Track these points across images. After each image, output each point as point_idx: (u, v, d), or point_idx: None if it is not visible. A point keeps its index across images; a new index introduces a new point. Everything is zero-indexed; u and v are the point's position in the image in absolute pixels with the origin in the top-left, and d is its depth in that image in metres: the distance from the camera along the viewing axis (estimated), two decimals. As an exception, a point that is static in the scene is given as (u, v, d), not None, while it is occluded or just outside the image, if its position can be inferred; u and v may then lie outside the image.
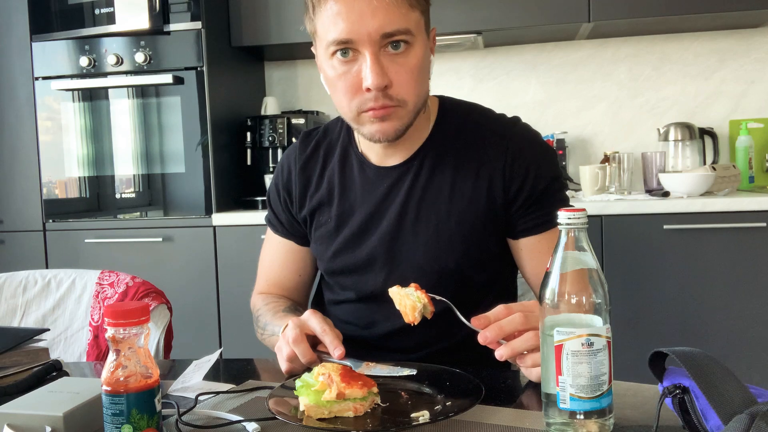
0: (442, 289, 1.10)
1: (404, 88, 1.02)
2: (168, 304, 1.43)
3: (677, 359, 0.68)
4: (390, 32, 0.99)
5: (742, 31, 2.72)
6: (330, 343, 0.97)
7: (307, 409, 0.81)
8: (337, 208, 1.18)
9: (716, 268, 2.21)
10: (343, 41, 1.00)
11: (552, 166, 1.14)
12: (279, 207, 1.27)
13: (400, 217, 1.13)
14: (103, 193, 2.63)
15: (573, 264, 0.73)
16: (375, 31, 0.98)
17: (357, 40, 0.99)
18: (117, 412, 0.70)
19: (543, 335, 0.74)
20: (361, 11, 0.98)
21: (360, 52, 1.00)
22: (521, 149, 1.11)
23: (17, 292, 1.50)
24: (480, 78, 2.90)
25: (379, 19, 0.98)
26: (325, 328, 0.99)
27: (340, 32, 0.99)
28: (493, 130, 1.13)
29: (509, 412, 0.82)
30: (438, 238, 1.12)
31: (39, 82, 2.62)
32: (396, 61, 1.01)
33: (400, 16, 0.99)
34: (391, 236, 1.14)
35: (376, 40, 0.99)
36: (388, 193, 1.15)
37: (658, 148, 2.64)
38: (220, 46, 2.60)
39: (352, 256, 1.17)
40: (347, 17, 0.98)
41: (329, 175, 1.20)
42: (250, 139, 2.66)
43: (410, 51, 1.02)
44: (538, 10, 2.47)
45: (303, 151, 1.24)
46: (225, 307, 2.49)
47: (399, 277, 1.12)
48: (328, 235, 1.19)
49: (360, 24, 0.98)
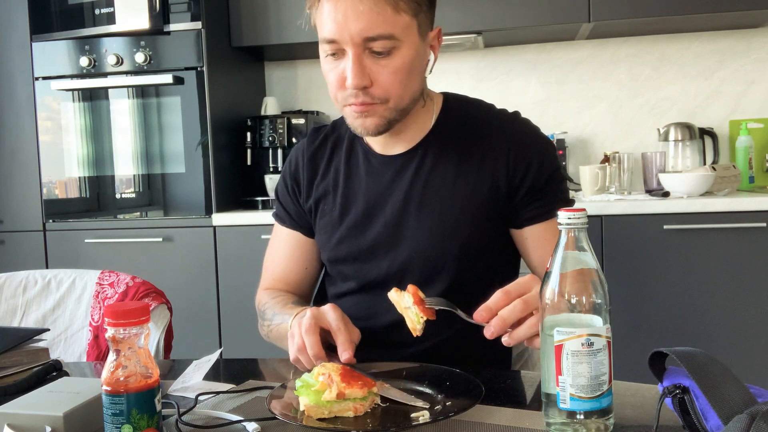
0: (444, 276, 1.14)
1: (385, 87, 1.06)
2: (168, 304, 1.43)
3: (677, 359, 0.68)
4: (372, 36, 1.02)
5: (742, 31, 2.72)
6: (341, 344, 0.96)
7: (307, 409, 0.81)
8: (341, 197, 1.21)
9: (716, 268, 2.21)
10: (329, 40, 1.04)
11: (553, 159, 1.17)
12: (287, 198, 1.29)
13: (403, 204, 1.16)
14: (103, 193, 2.63)
15: (573, 264, 0.73)
16: (357, 35, 1.01)
17: (341, 40, 1.03)
18: (117, 412, 0.70)
19: (543, 335, 0.74)
20: (346, 14, 1.01)
21: (345, 52, 1.04)
22: (523, 141, 1.14)
23: (17, 292, 1.50)
24: (480, 78, 2.90)
25: (362, 22, 1.01)
26: (340, 326, 0.98)
27: (328, 31, 1.03)
28: (495, 122, 1.16)
29: (509, 412, 0.82)
30: (441, 225, 1.14)
31: (39, 82, 2.62)
32: (378, 63, 1.04)
33: (384, 21, 1.01)
34: (394, 223, 1.16)
35: (358, 42, 1.02)
36: (391, 181, 1.17)
37: (658, 148, 2.64)
38: (220, 46, 2.60)
39: (356, 243, 1.19)
40: (334, 18, 1.02)
41: (335, 165, 1.23)
42: (250, 139, 2.66)
43: (395, 53, 1.04)
44: (538, 10, 2.47)
45: (311, 143, 1.27)
46: (225, 307, 2.49)
47: (402, 264, 1.15)
48: (332, 223, 1.21)
49: (344, 26, 1.01)
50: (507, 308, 0.86)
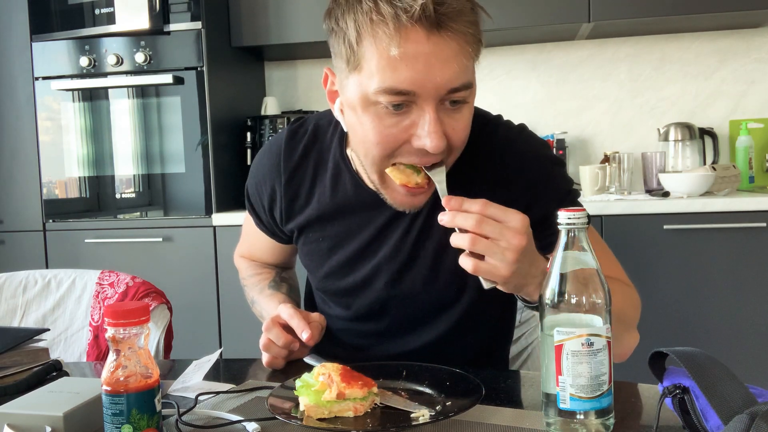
0: (441, 317, 1.10)
1: (456, 145, 0.92)
2: (168, 304, 1.43)
3: (677, 359, 0.68)
4: (456, 87, 0.86)
5: (742, 31, 2.72)
6: (297, 327, 1.01)
7: (307, 409, 0.81)
8: (329, 230, 1.10)
9: (716, 268, 2.21)
10: (402, 92, 0.85)
11: (561, 181, 1.05)
12: (262, 210, 1.17)
13: (401, 247, 1.06)
14: (103, 193, 2.63)
15: (573, 264, 0.73)
16: (443, 86, 0.85)
17: (420, 93, 0.85)
18: (117, 412, 0.70)
19: (543, 335, 0.74)
20: (429, 61, 0.83)
21: (417, 105, 0.87)
22: (526, 167, 1.02)
23: (17, 292, 1.50)
24: (480, 78, 2.85)
25: (449, 71, 0.85)
26: (292, 313, 1.02)
27: (402, 81, 0.84)
28: (495, 147, 1.04)
29: (509, 412, 0.82)
30: (438, 270, 1.06)
31: (39, 82, 2.62)
32: (453, 117, 0.89)
33: (466, 69, 0.87)
34: (389, 265, 1.07)
35: (441, 95, 0.86)
36: (389, 222, 1.06)
37: (658, 148, 2.64)
38: (220, 46, 2.60)
39: (346, 280, 1.11)
40: (413, 65, 0.83)
41: (320, 192, 1.09)
42: (250, 139, 2.66)
43: (468, 100, 0.91)
44: (538, 10, 2.47)
45: (289, 158, 1.10)
46: (225, 307, 2.49)
47: (395, 302, 1.10)
48: (320, 254, 1.12)
49: (427, 75, 0.84)
50: (462, 216, 0.79)
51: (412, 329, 1.12)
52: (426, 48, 0.83)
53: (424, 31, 0.83)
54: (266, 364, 1.04)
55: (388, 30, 0.83)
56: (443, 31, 0.84)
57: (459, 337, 1.12)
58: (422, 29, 0.83)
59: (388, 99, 0.86)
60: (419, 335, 1.11)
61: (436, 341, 1.11)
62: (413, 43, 0.83)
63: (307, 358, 1.11)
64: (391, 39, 0.83)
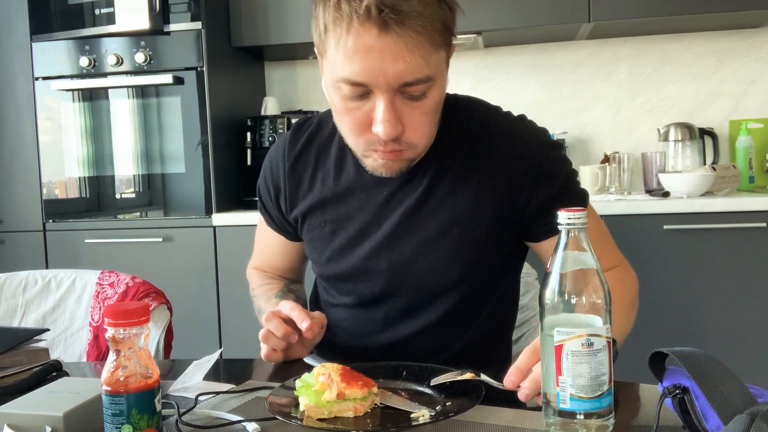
0: (442, 299, 1.10)
1: (417, 133, 0.96)
2: (168, 304, 1.43)
3: (677, 359, 0.68)
4: (410, 81, 0.90)
5: (742, 31, 2.72)
6: (297, 318, 1.01)
7: (307, 409, 0.81)
8: (331, 213, 1.12)
9: (716, 268, 2.21)
10: (357, 83, 0.91)
11: (562, 164, 1.08)
12: (270, 203, 1.21)
13: (398, 226, 1.08)
14: (103, 193, 2.63)
15: (573, 264, 0.73)
16: (394, 79, 0.89)
17: (373, 84, 0.90)
18: (117, 412, 0.70)
19: (543, 335, 0.74)
20: (382, 54, 0.87)
21: (374, 94, 0.92)
22: (526, 154, 1.05)
23: (17, 292, 1.50)
24: (480, 78, 2.90)
25: (401, 65, 0.88)
26: (293, 306, 1.03)
27: (355, 73, 0.90)
28: (497, 132, 1.07)
29: (509, 412, 0.82)
30: (438, 250, 1.07)
31: (39, 82, 2.62)
32: (411, 105, 0.93)
33: (423, 63, 0.89)
34: (388, 245, 1.09)
35: (395, 87, 0.90)
36: (387, 202, 1.09)
37: (658, 148, 2.64)
38: (220, 46, 2.60)
39: (347, 263, 1.12)
40: (364, 58, 0.88)
41: (323, 176, 1.13)
42: (250, 139, 2.66)
43: (428, 94, 0.94)
44: (538, 10, 2.47)
45: (293, 147, 1.16)
46: (225, 307, 2.49)
47: (396, 286, 1.10)
48: (322, 239, 1.14)
49: (379, 68, 0.88)
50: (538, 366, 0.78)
51: (414, 313, 1.12)
52: (377, 44, 0.88)
53: (375, 28, 0.87)
54: (264, 356, 1.05)
55: (345, 26, 0.89)
56: (390, 31, 0.87)
57: (460, 321, 1.12)
58: (374, 27, 0.87)
59: (347, 88, 0.92)
60: (419, 319, 1.11)
61: (437, 324, 1.11)
62: (365, 40, 0.88)
63: (307, 358, 1.11)
64: (348, 34, 0.89)
